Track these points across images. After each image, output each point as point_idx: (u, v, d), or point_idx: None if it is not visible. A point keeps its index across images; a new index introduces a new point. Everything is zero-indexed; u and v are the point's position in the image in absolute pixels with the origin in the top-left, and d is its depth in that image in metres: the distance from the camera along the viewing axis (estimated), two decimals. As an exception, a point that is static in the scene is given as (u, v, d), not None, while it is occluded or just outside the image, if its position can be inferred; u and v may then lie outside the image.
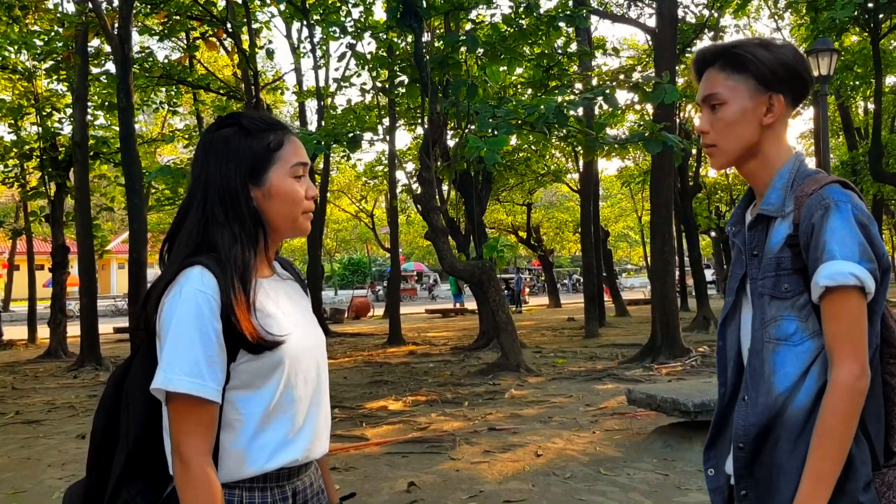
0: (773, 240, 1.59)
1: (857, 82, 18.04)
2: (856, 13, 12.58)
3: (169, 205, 17.31)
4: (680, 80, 17.32)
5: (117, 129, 12.88)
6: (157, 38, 14.48)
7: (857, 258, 1.46)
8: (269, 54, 16.63)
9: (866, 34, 15.33)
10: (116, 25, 11.89)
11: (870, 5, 13.01)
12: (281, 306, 1.54)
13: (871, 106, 19.86)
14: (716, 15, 17.01)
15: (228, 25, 13.72)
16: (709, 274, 30.27)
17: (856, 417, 1.45)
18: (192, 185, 1.54)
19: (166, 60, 15.56)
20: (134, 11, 12.59)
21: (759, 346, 1.58)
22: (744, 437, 1.58)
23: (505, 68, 12.59)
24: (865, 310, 1.48)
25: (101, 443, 1.52)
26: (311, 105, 18.11)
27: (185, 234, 1.49)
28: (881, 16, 14.52)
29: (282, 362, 1.46)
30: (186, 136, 17.04)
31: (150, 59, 14.58)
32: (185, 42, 16.67)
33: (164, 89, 16.06)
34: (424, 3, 10.33)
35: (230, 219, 1.48)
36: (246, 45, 13.80)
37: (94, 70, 14.74)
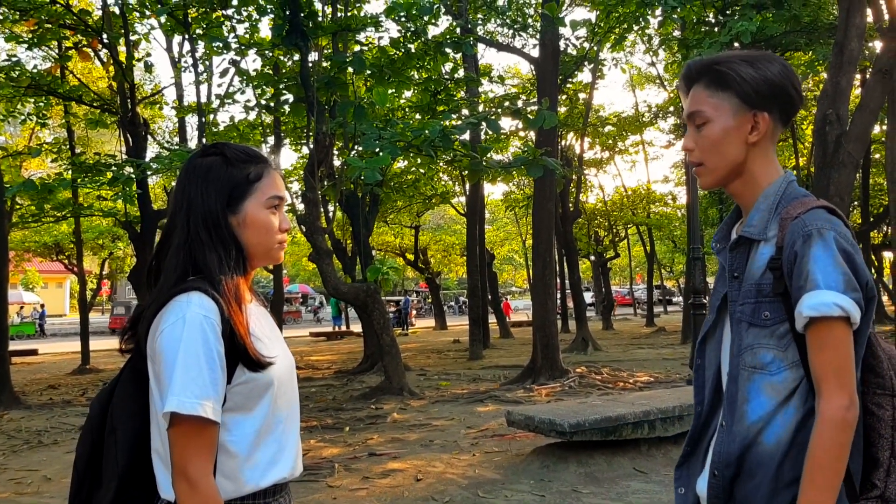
0: (755, 265, 1.53)
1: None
2: (722, 51, 13.40)
3: (34, 221, 16.30)
4: (562, 109, 17.93)
5: (-23, 139, 12.08)
6: (25, 46, 13.67)
7: (841, 288, 1.40)
8: (148, 67, 15.99)
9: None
10: (-21, 30, 11.20)
11: (735, 45, 13.88)
12: (264, 330, 1.60)
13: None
14: (595, 48, 17.70)
15: (104, 36, 13.15)
16: (588, 297, 31.22)
17: (846, 449, 1.40)
18: (173, 207, 1.59)
19: (35, 70, 14.71)
20: (0, 17, 11.88)
21: (736, 372, 1.53)
22: (718, 465, 1.53)
23: (393, 91, 12.63)
24: (851, 340, 1.43)
25: (84, 470, 1.53)
26: (192, 121, 17.58)
27: (172, 257, 1.53)
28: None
29: (271, 383, 1.52)
30: (55, 150, 16.09)
31: (18, 67, 13.74)
32: (57, 51, 15.82)
33: (32, 100, 15.17)
34: (311, 22, 10.23)
35: (214, 242, 1.54)
36: (123, 57, 13.27)
37: (-46, 76, 13.76)
